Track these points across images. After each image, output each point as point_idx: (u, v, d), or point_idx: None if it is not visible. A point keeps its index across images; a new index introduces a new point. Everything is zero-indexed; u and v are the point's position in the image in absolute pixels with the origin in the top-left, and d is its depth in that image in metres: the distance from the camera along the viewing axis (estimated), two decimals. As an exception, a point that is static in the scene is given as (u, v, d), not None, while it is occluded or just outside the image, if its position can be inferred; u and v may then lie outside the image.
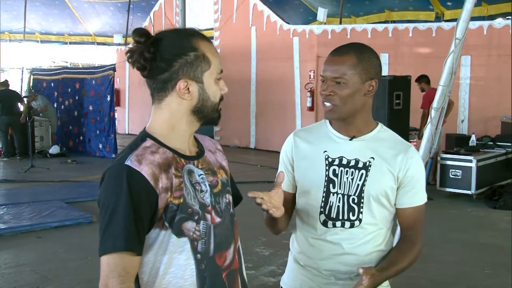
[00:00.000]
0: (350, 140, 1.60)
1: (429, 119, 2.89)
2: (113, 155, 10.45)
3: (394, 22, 12.89)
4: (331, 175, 1.59)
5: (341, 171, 1.58)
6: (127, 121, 15.44)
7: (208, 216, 1.31)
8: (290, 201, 1.69)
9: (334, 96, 1.54)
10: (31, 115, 10.03)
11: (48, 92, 11.91)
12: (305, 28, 11.12)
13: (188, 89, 1.29)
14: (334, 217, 1.58)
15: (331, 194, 1.59)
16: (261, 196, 1.41)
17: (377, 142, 1.61)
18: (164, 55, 1.27)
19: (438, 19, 12.74)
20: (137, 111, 14.42)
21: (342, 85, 1.53)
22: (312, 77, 10.66)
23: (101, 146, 10.90)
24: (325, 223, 1.59)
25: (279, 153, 1.75)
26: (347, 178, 1.58)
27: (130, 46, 1.29)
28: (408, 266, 1.58)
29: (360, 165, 1.58)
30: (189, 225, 1.27)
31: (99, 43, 20.04)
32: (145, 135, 1.32)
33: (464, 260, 4.67)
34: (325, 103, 1.57)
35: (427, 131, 2.89)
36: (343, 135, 1.61)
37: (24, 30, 14.49)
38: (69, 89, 11.66)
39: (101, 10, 17.95)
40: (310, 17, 13.97)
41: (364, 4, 13.85)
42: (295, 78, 11.04)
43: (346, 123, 1.60)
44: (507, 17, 11.59)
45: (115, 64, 11.58)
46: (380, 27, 10.54)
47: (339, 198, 1.58)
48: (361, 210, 1.57)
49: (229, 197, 1.42)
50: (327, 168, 1.59)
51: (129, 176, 1.21)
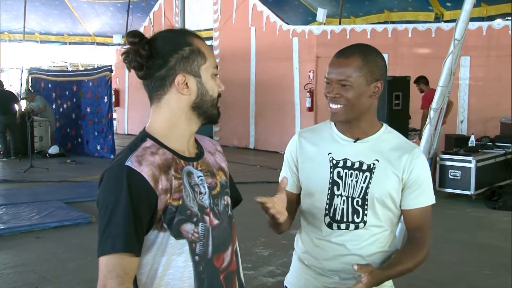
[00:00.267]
0: (354, 142, 1.60)
1: (428, 120, 2.90)
2: (112, 156, 10.46)
3: (393, 22, 12.90)
4: (335, 178, 1.58)
5: (346, 173, 1.58)
6: (126, 121, 15.44)
7: (206, 218, 1.31)
8: (294, 202, 1.69)
9: (340, 98, 1.54)
10: (30, 116, 10.02)
11: (46, 93, 11.91)
12: (304, 28, 11.13)
13: (186, 84, 1.29)
14: (339, 219, 1.58)
15: (336, 196, 1.58)
16: (265, 201, 1.41)
17: (381, 143, 1.60)
18: (159, 51, 1.28)
19: (437, 19, 12.75)
20: (136, 111, 14.41)
21: (347, 88, 1.52)
22: (311, 77, 10.66)
23: (99, 147, 10.90)
24: (330, 225, 1.59)
25: (279, 153, 1.76)
26: (352, 180, 1.57)
27: (125, 48, 1.30)
28: (413, 267, 1.57)
29: (364, 167, 1.57)
30: (188, 227, 1.26)
31: (98, 43, 20.05)
32: (145, 135, 1.31)
33: (463, 260, 4.67)
34: (332, 105, 1.56)
35: (426, 132, 2.90)
36: (348, 137, 1.61)
37: (23, 30, 14.48)
38: (67, 92, 11.66)
39: (100, 10, 17.95)
40: (309, 18, 13.99)
41: (363, 4, 13.86)
42: (295, 78, 11.04)
43: (351, 125, 1.59)
44: (506, 18, 11.61)
45: (111, 65, 11.58)
46: (379, 27, 10.55)
47: (344, 200, 1.58)
48: (366, 212, 1.57)
49: (228, 199, 1.41)
50: (332, 170, 1.59)
51: (129, 176, 1.20)
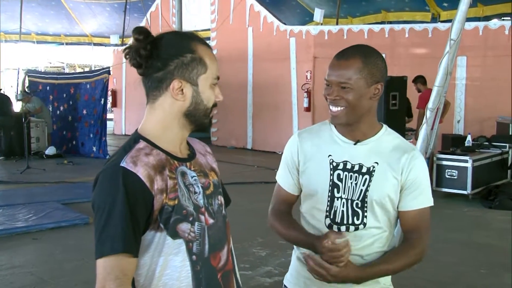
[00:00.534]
0: (354, 144, 1.59)
1: (424, 120, 2.90)
2: (107, 157, 10.43)
3: (390, 22, 12.93)
4: (335, 180, 1.58)
5: (345, 175, 1.58)
6: (123, 122, 15.41)
7: (202, 217, 1.31)
8: (294, 201, 1.71)
9: (340, 100, 1.53)
10: (27, 117, 10.00)
11: (43, 95, 11.90)
12: (301, 28, 11.13)
13: (182, 90, 1.29)
14: (339, 221, 1.58)
15: (336, 198, 1.59)
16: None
17: (381, 145, 1.60)
18: (160, 54, 1.27)
19: (434, 20, 12.79)
20: (134, 111, 14.39)
21: (347, 90, 1.52)
22: (308, 77, 10.67)
23: (94, 148, 10.90)
24: (330, 227, 1.59)
25: (276, 153, 1.76)
26: (351, 183, 1.57)
27: (125, 45, 1.30)
28: (402, 268, 1.56)
29: (364, 170, 1.57)
30: (184, 227, 1.27)
31: (95, 44, 20.03)
32: (137, 137, 1.31)
33: (460, 260, 4.68)
34: (332, 107, 1.56)
35: (423, 131, 2.90)
36: (348, 138, 1.60)
37: (20, 30, 14.47)
38: (64, 94, 11.66)
39: (97, 10, 17.93)
40: (306, 18, 14.00)
41: (360, 5, 13.88)
42: (292, 78, 11.05)
43: (352, 127, 1.58)
44: (502, 18, 11.65)
45: (109, 67, 11.56)
46: (376, 27, 10.57)
47: (343, 202, 1.58)
48: (365, 214, 1.57)
49: (221, 199, 1.42)
50: (332, 172, 1.59)
51: (125, 177, 1.20)
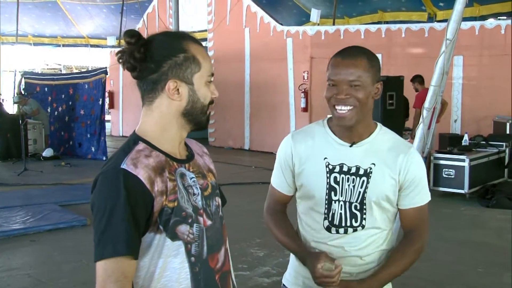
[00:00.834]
0: (350, 146, 1.58)
1: (421, 119, 2.91)
2: (104, 158, 10.44)
3: (387, 22, 12.96)
4: (332, 183, 1.58)
5: (342, 178, 1.57)
6: (121, 123, 15.40)
7: (200, 219, 1.31)
8: (288, 201, 1.72)
9: (350, 99, 1.50)
10: (24, 119, 9.99)
11: (41, 96, 11.87)
12: (298, 29, 11.15)
13: (177, 90, 1.29)
14: (337, 224, 1.58)
15: (333, 201, 1.58)
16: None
17: (377, 145, 1.59)
18: (153, 56, 1.28)
19: (430, 19, 12.83)
20: (131, 112, 14.38)
21: (357, 88, 1.50)
22: (306, 78, 10.69)
23: (93, 149, 10.88)
24: (328, 229, 1.60)
25: (274, 154, 1.75)
26: (349, 185, 1.57)
27: (122, 47, 1.30)
28: (408, 266, 1.58)
29: (361, 172, 1.56)
30: (183, 228, 1.27)
31: (92, 46, 20.00)
32: (136, 139, 1.31)
33: (458, 259, 4.69)
34: (340, 108, 1.52)
35: (419, 131, 2.91)
36: (344, 140, 1.59)
37: (16, 32, 14.43)
38: (63, 95, 11.64)
39: (94, 12, 17.91)
40: (303, 18, 14.02)
41: (357, 5, 13.91)
42: (289, 79, 11.06)
43: (350, 128, 1.56)
44: (498, 18, 11.69)
45: (106, 67, 11.55)
46: (373, 27, 10.59)
47: (341, 205, 1.57)
48: (364, 216, 1.57)
49: (218, 200, 1.43)
50: (328, 175, 1.58)
51: (126, 179, 1.20)
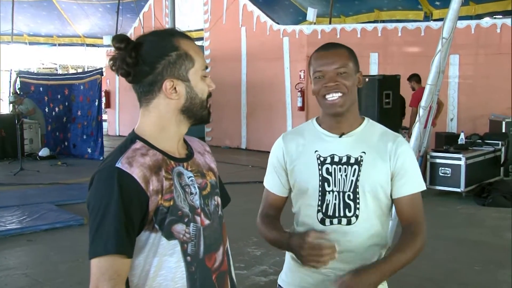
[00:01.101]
0: (339, 137, 1.62)
1: (417, 118, 2.92)
2: (101, 158, 10.43)
3: (383, 21, 12.98)
4: (324, 174, 1.60)
5: (334, 168, 1.60)
6: (117, 123, 15.37)
7: (197, 218, 1.31)
8: (282, 205, 1.73)
9: (340, 85, 1.56)
10: (20, 118, 9.96)
11: (37, 96, 11.84)
12: (295, 28, 11.15)
13: (175, 88, 1.29)
14: (331, 214, 1.59)
15: (327, 192, 1.60)
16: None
17: (366, 135, 1.63)
18: (146, 58, 1.27)
19: (426, 18, 12.84)
20: (127, 112, 14.36)
21: (344, 75, 1.57)
22: (302, 77, 10.69)
23: (90, 150, 10.86)
24: (322, 221, 1.60)
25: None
26: (341, 175, 1.59)
27: (110, 54, 1.29)
28: (413, 256, 1.56)
29: (352, 161, 1.60)
30: (179, 228, 1.27)
31: (88, 45, 19.93)
32: (134, 137, 1.31)
33: (454, 257, 4.71)
34: (331, 95, 1.57)
35: (416, 130, 2.92)
36: (333, 133, 1.63)
37: (12, 31, 14.39)
38: (59, 96, 11.63)
39: (90, 11, 17.85)
40: (300, 17, 14.02)
41: (353, 4, 13.92)
42: (286, 78, 11.06)
43: (340, 119, 1.61)
44: (494, 16, 11.73)
45: (102, 68, 11.52)
46: (369, 26, 10.60)
47: (335, 195, 1.59)
48: (358, 206, 1.58)
49: (218, 199, 1.42)
50: (320, 167, 1.60)
51: (120, 178, 1.20)
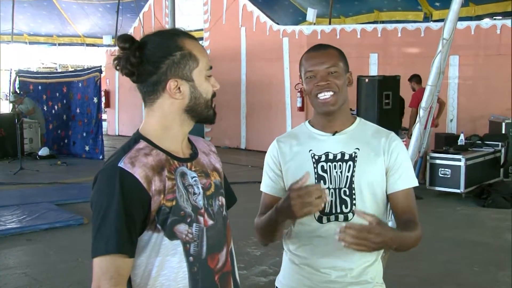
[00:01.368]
0: (333, 135, 1.65)
1: (417, 119, 2.92)
2: (101, 157, 10.43)
3: (383, 22, 12.96)
4: (320, 172, 1.62)
5: (329, 166, 1.62)
6: (117, 122, 15.36)
7: (200, 218, 1.31)
8: None
9: (331, 84, 1.59)
10: (19, 118, 9.96)
11: (36, 95, 11.84)
12: (294, 28, 11.15)
13: (179, 88, 1.29)
14: (328, 212, 1.60)
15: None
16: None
17: (359, 133, 1.66)
18: (150, 58, 1.27)
19: (426, 19, 12.83)
20: (127, 112, 14.35)
21: (335, 74, 1.60)
22: (302, 77, 10.68)
23: (87, 148, 10.86)
24: (320, 219, 1.61)
25: (270, 154, 1.75)
26: (337, 172, 1.61)
27: (116, 53, 1.29)
28: (415, 240, 1.55)
29: (346, 157, 1.62)
30: (182, 228, 1.27)
31: (88, 44, 19.92)
32: (138, 137, 1.31)
33: (453, 258, 4.72)
34: (323, 94, 1.60)
35: (416, 131, 2.92)
36: (326, 132, 1.66)
37: (12, 31, 14.38)
38: (57, 94, 11.63)
39: (90, 11, 17.84)
40: (299, 18, 14.01)
41: (353, 4, 13.91)
42: (285, 78, 11.07)
43: (332, 118, 1.64)
44: (494, 18, 11.73)
45: (100, 66, 11.53)
46: (369, 27, 10.60)
47: (332, 193, 1.60)
48: (354, 202, 1.59)
49: (222, 200, 1.41)
50: (315, 165, 1.62)
51: (122, 178, 1.20)
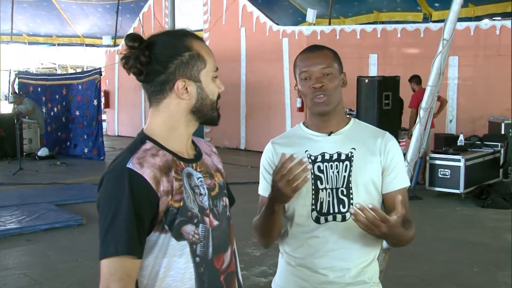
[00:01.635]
0: (328, 135, 1.65)
1: (418, 119, 2.92)
2: (102, 158, 10.42)
3: (382, 23, 12.97)
4: (316, 172, 1.61)
5: (326, 166, 1.61)
6: (116, 123, 15.35)
7: (206, 219, 1.31)
8: None
9: (326, 86, 1.59)
10: (19, 118, 9.96)
11: (35, 96, 11.84)
12: (294, 29, 11.16)
13: (186, 88, 1.29)
14: (325, 212, 1.60)
15: (320, 190, 1.61)
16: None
17: (354, 133, 1.66)
18: (159, 57, 1.27)
19: (426, 20, 12.84)
20: (126, 112, 14.32)
21: (330, 76, 1.60)
22: (301, 78, 10.68)
23: (86, 150, 10.87)
24: (317, 220, 1.61)
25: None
26: (333, 172, 1.61)
27: (123, 52, 1.28)
28: (410, 238, 1.56)
29: (342, 157, 1.62)
30: (189, 229, 1.27)
31: (87, 45, 19.91)
32: (144, 137, 1.31)
33: (453, 258, 4.72)
34: (319, 96, 1.60)
35: (416, 131, 2.92)
36: (321, 132, 1.66)
37: (11, 31, 14.37)
38: (57, 96, 11.65)
39: (89, 11, 17.84)
40: (299, 18, 14.02)
41: (352, 5, 13.91)
42: (285, 79, 11.07)
43: (327, 118, 1.64)
44: (493, 18, 11.74)
45: (101, 68, 11.55)
46: (369, 27, 10.61)
47: (329, 193, 1.60)
48: (351, 201, 1.59)
49: (226, 200, 1.42)
50: (312, 166, 1.62)
51: (131, 179, 1.20)
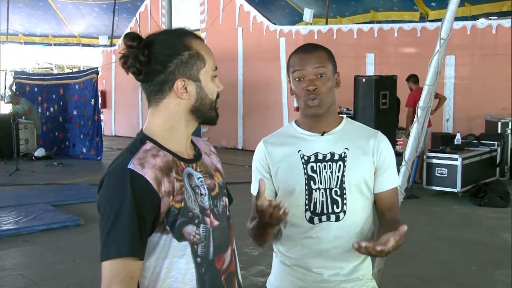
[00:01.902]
0: (321, 135, 1.65)
1: (415, 118, 2.92)
2: (99, 158, 10.40)
3: (379, 22, 13.00)
4: (310, 172, 1.61)
5: (319, 166, 1.61)
6: (113, 123, 15.32)
7: (207, 219, 1.31)
8: None
9: (319, 89, 1.58)
10: (15, 118, 9.93)
11: (31, 96, 11.81)
12: (291, 28, 11.16)
13: (186, 88, 1.28)
14: (319, 212, 1.60)
15: (314, 190, 1.61)
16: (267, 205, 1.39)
17: (347, 133, 1.66)
18: (158, 57, 1.26)
19: (422, 19, 12.88)
20: (123, 112, 14.30)
21: (324, 78, 1.59)
22: (298, 77, 10.69)
23: (84, 149, 10.85)
24: (311, 220, 1.61)
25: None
26: (326, 172, 1.61)
27: (122, 51, 1.27)
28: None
29: (336, 157, 1.62)
30: (190, 229, 1.26)
31: (84, 45, 19.86)
32: (144, 138, 1.30)
33: (451, 257, 4.73)
34: (312, 99, 1.59)
35: (414, 130, 2.92)
36: (313, 132, 1.65)
37: (7, 31, 14.32)
38: (54, 95, 11.61)
39: (85, 11, 17.79)
40: (296, 18, 14.04)
41: (349, 4, 13.94)
42: (282, 78, 11.06)
43: (320, 118, 1.64)
44: (489, 18, 11.78)
45: (97, 67, 11.52)
46: (365, 27, 10.62)
47: (322, 193, 1.60)
48: (345, 201, 1.60)
49: (226, 200, 1.42)
50: (305, 166, 1.62)
51: (132, 180, 1.19)
